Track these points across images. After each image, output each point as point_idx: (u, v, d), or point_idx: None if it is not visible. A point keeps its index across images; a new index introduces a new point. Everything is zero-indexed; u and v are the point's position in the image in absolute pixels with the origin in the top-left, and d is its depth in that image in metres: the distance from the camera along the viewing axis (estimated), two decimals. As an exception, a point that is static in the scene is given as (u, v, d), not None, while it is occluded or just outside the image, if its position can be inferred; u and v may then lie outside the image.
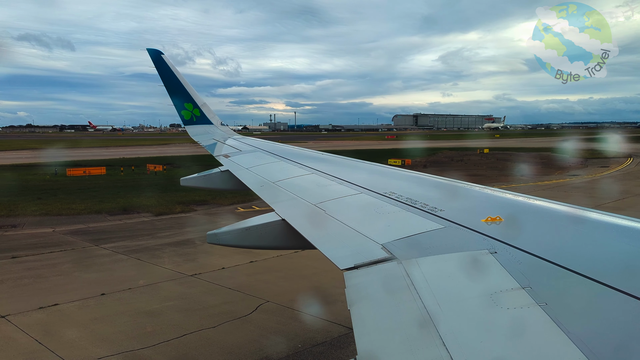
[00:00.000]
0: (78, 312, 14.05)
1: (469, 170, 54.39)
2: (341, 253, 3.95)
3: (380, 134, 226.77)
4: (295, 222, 5.09)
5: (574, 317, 2.39)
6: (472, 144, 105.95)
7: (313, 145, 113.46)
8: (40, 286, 16.38)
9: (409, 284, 3.03)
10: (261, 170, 8.67)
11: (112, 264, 18.84)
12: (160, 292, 15.73)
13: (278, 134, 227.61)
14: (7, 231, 24.37)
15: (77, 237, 22.95)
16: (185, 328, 12.79)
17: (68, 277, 17.32)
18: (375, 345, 2.59)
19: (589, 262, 3.00)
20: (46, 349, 11.72)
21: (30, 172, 47.98)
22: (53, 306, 14.39)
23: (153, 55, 14.25)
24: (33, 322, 13.32)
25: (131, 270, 18.12)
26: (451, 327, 2.51)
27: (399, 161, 61.36)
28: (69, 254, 20.21)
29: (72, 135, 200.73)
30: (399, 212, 4.63)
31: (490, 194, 5.08)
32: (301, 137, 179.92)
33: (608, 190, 39.14)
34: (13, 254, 19.85)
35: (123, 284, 16.26)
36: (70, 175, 44.54)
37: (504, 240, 3.40)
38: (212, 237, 5.60)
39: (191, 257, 19.52)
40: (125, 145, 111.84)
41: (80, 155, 71.61)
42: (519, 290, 2.69)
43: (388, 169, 7.66)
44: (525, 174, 49.71)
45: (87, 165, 50.23)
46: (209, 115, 15.46)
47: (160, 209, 29.46)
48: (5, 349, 11.79)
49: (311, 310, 13.99)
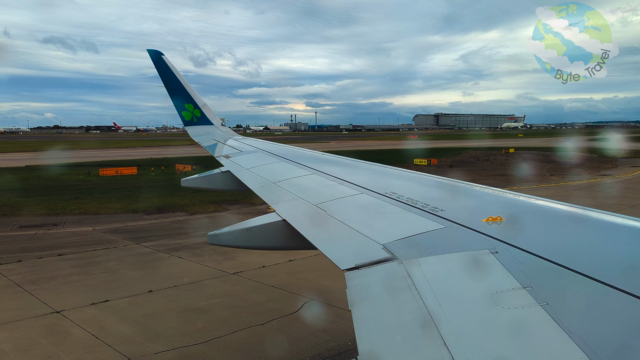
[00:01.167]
0: (129, 309, 14.43)
1: (496, 170, 53.84)
2: (342, 253, 3.93)
3: (402, 134, 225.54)
4: (296, 223, 5.07)
5: (575, 316, 2.39)
6: (495, 143, 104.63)
7: (335, 145, 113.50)
8: (88, 283, 16.85)
9: (410, 284, 3.03)
10: (262, 170, 8.68)
11: (154, 262, 19.25)
12: (206, 290, 16.04)
13: (299, 134, 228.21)
14: (49, 229, 25.09)
15: (117, 236, 23.50)
16: (235, 324, 13.04)
17: (114, 275, 17.77)
18: (376, 346, 2.60)
19: (590, 261, 2.99)
20: (103, 344, 12.08)
21: (64, 172, 49.16)
22: (104, 302, 14.80)
23: (153, 56, 14.13)
24: (87, 317, 13.73)
25: (174, 268, 18.50)
26: (452, 327, 2.50)
27: (424, 161, 61.06)
28: (111, 252, 20.72)
29: (98, 136, 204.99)
30: (399, 212, 4.62)
31: (491, 194, 5.07)
32: (322, 137, 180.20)
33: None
34: (59, 252, 20.45)
35: (168, 282, 16.62)
36: (102, 175, 45.54)
37: (504, 240, 3.39)
38: (214, 237, 5.55)
39: (230, 255, 19.80)
40: (151, 145, 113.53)
41: (109, 155, 73.06)
42: (520, 290, 2.68)
43: (388, 169, 7.61)
44: (556, 174, 48.96)
45: (118, 165, 51.27)
46: (209, 116, 15.39)
47: (194, 208, 29.95)
48: (65, 342, 12.19)
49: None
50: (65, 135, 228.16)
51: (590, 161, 61.88)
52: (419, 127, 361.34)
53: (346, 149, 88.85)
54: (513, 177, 46.49)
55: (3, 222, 26.59)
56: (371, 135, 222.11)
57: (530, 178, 45.69)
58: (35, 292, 15.77)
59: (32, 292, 15.77)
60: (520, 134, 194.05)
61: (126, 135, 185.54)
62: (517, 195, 4.79)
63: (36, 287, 16.27)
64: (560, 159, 65.25)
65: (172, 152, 77.13)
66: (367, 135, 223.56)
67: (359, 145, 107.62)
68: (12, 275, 17.40)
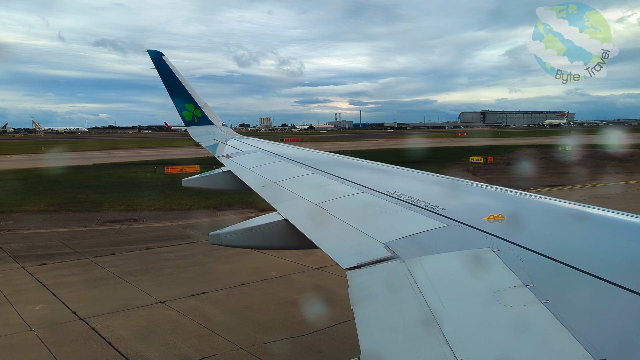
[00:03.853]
0: (227, 300, 15.08)
1: (556, 167, 52.19)
2: (344, 252, 3.90)
3: (448, 132, 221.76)
4: (298, 222, 5.03)
5: (577, 314, 2.37)
6: (547, 141, 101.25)
7: (383, 142, 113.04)
8: (181, 275, 17.69)
9: (412, 283, 3.02)
10: (263, 170, 8.63)
11: (238, 257, 19.94)
12: (294, 284, 16.52)
13: (344, 133, 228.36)
14: (131, 224, 26.40)
15: (195, 231, 24.44)
16: (333, 318, 13.37)
17: (204, 268, 18.57)
18: (378, 345, 2.59)
19: (591, 259, 2.98)
20: (213, 333, 12.70)
21: (131, 170, 51.39)
22: (202, 294, 15.52)
23: (153, 56, 14.02)
24: (190, 307, 14.45)
25: (257, 262, 19.11)
26: (454, 326, 2.49)
27: (480, 158, 59.92)
28: (195, 246, 21.61)
29: (151, 135, 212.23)
30: (401, 211, 4.58)
31: (492, 192, 5.04)
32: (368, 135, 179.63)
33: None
34: (146, 246, 21.53)
35: (257, 275, 17.22)
36: (168, 173, 47.24)
37: (506, 238, 3.37)
38: (215, 237, 5.49)
39: (309, 251, 20.21)
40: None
41: (167, 154, 75.58)
42: (522, 288, 2.67)
43: (389, 167, 7.54)
44: (621, 172, 47.00)
45: (180, 163, 52.97)
46: (210, 116, 15.35)
47: (262, 204, 30.32)
48: (177, 331, 12.90)
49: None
50: (120, 134, 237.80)
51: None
52: (465, 124, 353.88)
53: (395, 147, 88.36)
54: (577, 175, 44.97)
55: (88, 217, 28.19)
56: (417, 133, 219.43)
57: (596, 176, 44.05)
58: (136, 283, 16.72)
59: (133, 283, 16.73)
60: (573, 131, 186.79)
61: (177, 134, 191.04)
62: (518, 193, 4.78)
63: (135, 278, 17.23)
64: (621, 156, 62.58)
65: (226, 150, 78.68)
66: (413, 133, 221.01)
67: (407, 143, 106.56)
68: (110, 267, 18.48)
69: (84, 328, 13.09)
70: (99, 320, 13.56)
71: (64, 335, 12.71)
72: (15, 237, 23.54)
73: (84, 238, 23.40)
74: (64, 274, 17.83)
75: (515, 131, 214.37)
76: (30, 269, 18.40)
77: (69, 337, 12.61)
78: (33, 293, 15.93)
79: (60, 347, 12.05)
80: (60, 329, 13.05)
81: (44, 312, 14.25)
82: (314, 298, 15.17)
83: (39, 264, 19.02)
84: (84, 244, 22.10)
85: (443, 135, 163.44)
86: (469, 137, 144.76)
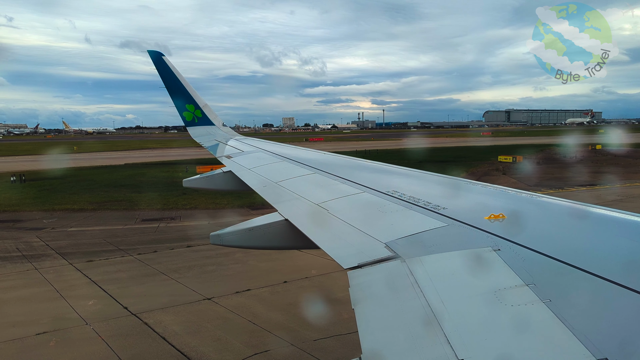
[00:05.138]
0: (272, 297, 15.35)
1: (590, 167, 51.19)
2: (344, 252, 3.88)
3: (472, 131, 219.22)
4: (298, 222, 5.02)
5: (578, 313, 2.36)
6: (575, 140, 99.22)
7: (407, 142, 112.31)
8: (224, 273, 18.05)
9: (413, 282, 3.01)
10: (263, 170, 8.61)
11: (276, 255, 20.16)
12: (337, 282, 16.65)
13: (367, 132, 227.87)
14: (169, 223, 26.99)
15: (232, 230, 24.82)
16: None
17: (245, 265, 18.91)
18: (379, 344, 2.58)
19: (592, 258, 2.97)
20: (262, 329, 12.97)
21: (162, 169, 52.38)
22: (247, 291, 15.84)
23: (154, 57, 13.98)
24: (236, 304, 14.76)
25: (296, 260, 19.34)
26: (455, 325, 2.48)
27: (509, 158, 59.20)
28: (233, 244, 21.97)
29: (177, 136, 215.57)
30: (401, 211, 4.56)
31: (493, 191, 5.01)
32: (392, 134, 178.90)
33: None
34: (187, 244, 22.01)
35: (298, 273, 17.46)
36: (199, 172, 47.98)
37: (507, 238, 3.36)
38: (216, 238, 5.49)
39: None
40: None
41: (195, 154, 76.65)
42: (523, 287, 2.66)
43: (389, 167, 7.50)
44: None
45: (211, 163, 53.80)
46: (210, 117, 15.29)
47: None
48: (227, 326, 13.21)
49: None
50: (147, 135, 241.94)
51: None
52: (490, 123, 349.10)
53: (420, 147, 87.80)
54: (613, 175, 44.03)
55: (127, 215, 28.93)
56: (441, 132, 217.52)
57: (629, 176, 43.06)
58: (181, 280, 17.14)
59: (178, 280, 17.15)
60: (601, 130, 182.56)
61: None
62: (518, 193, 4.78)
63: (179, 275, 17.67)
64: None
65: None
66: (437, 132, 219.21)
67: (432, 143, 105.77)
68: (154, 265, 18.97)
69: (137, 323, 13.52)
70: (151, 315, 13.97)
71: (118, 329, 13.15)
72: (59, 235, 24.34)
73: (126, 236, 24.04)
74: (110, 271, 18.39)
75: (541, 130, 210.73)
76: (78, 265, 19.03)
77: (124, 331, 13.04)
78: (84, 289, 16.49)
79: (117, 340, 12.48)
80: (114, 324, 13.50)
81: (97, 307, 14.75)
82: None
83: (85, 260, 19.65)
84: (126, 242, 22.72)
85: (468, 135, 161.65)
86: (494, 136, 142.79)
